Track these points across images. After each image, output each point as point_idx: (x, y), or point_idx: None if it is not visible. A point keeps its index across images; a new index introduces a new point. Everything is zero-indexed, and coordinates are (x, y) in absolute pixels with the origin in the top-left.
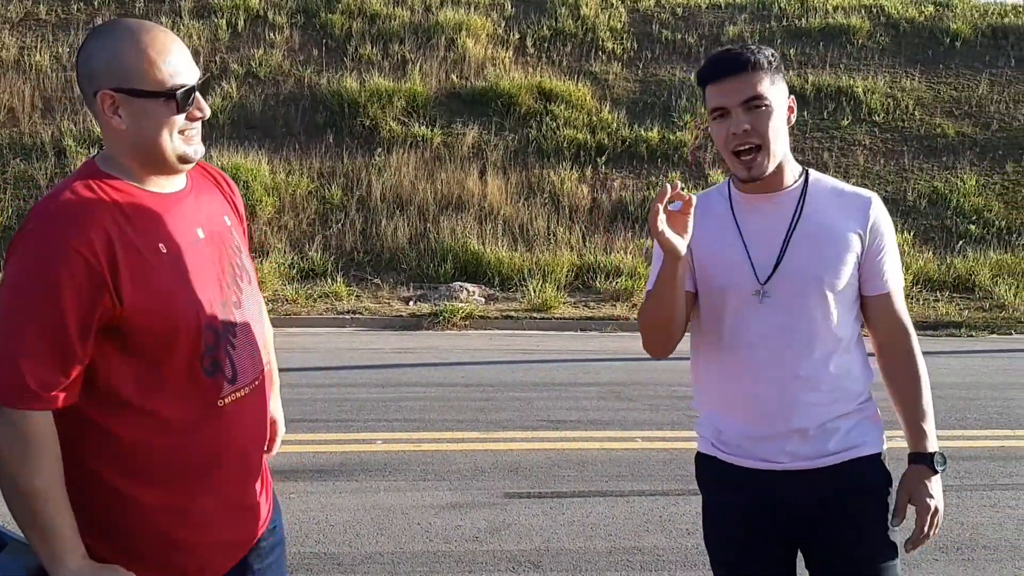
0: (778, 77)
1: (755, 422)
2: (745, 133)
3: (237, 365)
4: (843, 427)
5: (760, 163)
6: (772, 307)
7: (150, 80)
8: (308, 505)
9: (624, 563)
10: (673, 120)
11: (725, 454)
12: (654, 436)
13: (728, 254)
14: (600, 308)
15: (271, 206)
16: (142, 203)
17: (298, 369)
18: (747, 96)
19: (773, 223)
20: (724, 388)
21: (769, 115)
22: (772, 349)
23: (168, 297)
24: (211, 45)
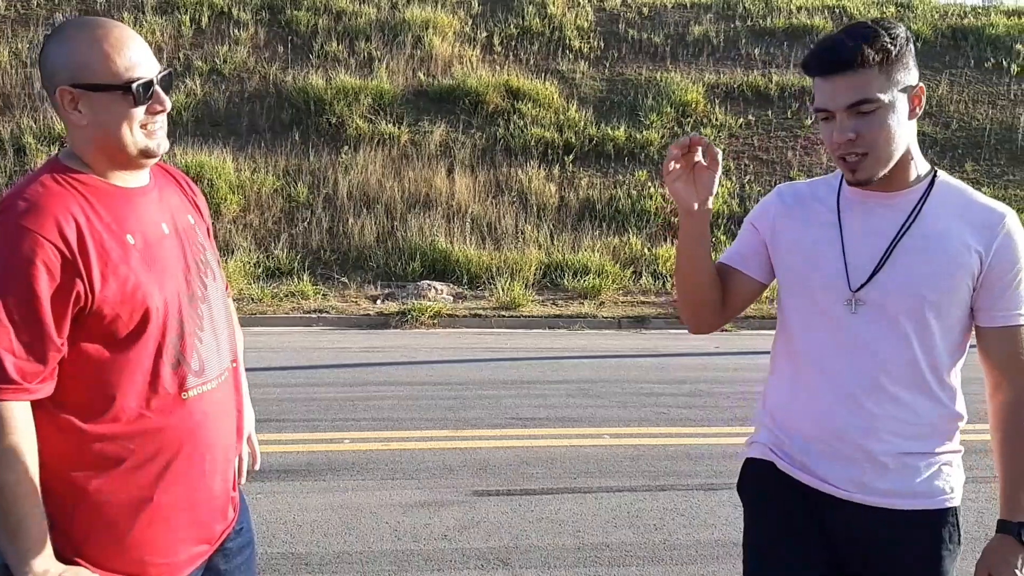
0: (898, 67)
1: (824, 440)
2: (850, 142)
3: (204, 358)
4: (920, 468)
5: (866, 169)
6: (863, 319)
7: (106, 74)
8: (275, 505)
9: (592, 559)
10: (640, 119)
11: (784, 463)
12: (622, 433)
13: (822, 253)
14: (568, 306)
15: (236, 204)
16: (108, 195)
17: (264, 369)
18: (852, 100)
19: (881, 226)
20: (797, 398)
21: (881, 118)
22: (857, 365)
23: (136, 287)
24: (174, 42)
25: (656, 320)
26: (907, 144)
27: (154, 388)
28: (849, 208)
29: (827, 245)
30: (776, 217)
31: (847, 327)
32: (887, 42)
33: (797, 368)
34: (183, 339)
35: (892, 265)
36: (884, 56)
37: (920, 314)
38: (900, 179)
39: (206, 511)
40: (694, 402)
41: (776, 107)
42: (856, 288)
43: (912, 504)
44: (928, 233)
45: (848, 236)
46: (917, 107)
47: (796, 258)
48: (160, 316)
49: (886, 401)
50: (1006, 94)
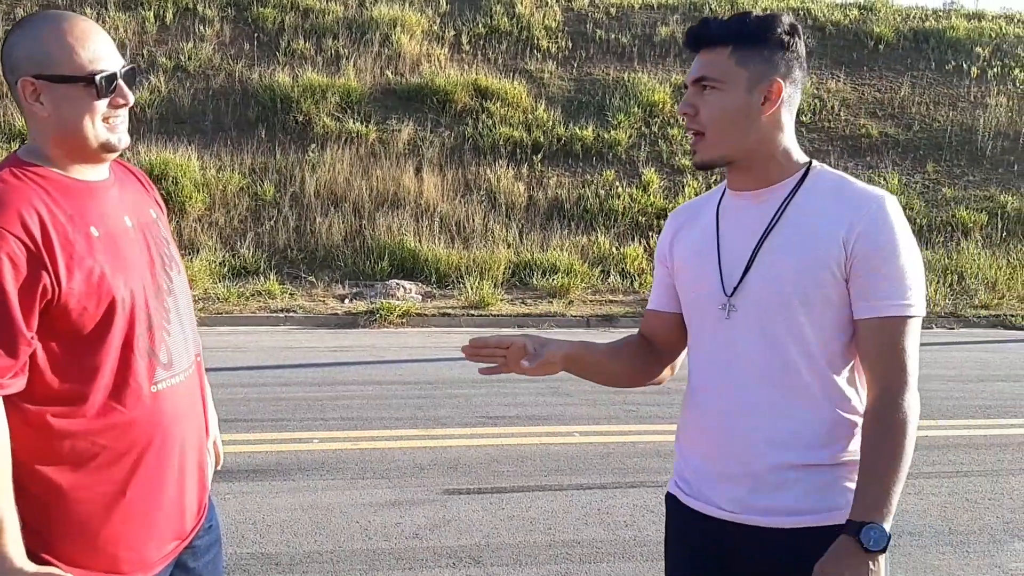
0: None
1: (709, 459)
2: (686, 116)
3: (172, 351)
4: (810, 482)
5: (701, 150)
6: (738, 325)
7: (69, 65)
8: (244, 505)
9: (564, 556)
10: (607, 119)
11: (684, 494)
12: (591, 431)
13: (701, 262)
14: (537, 305)
15: (201, 203)
16: (69, 189)
17: (231, 369)
18: (696, 75)
19: (751, 226)
20: (688, 416)
21: (719, 100)
22: (735, 373)
23: (102, 279)
24: (138, 38)
25: (624, 319)
26: (764, 138)
27: (124, 382)
28: (726, 213)
29: (705, 253)
30: (672, 242)
31: (723, 336)
32: (743, 27)
33: (691, 386)
34: (151, 332)
35: (758, 265)
36: (736, 38)
37: (789, 313)
38: (768, 175)
39: (177, 506)
40: (662, 399)
41: None
42: (730, 293)
43: (796, 522)
44: (795, 226)
45: (723, 241)
46: (771, 101)
47: (684, 273)
48: (127, 308)
49: (764, 411)
50: (966, 96)
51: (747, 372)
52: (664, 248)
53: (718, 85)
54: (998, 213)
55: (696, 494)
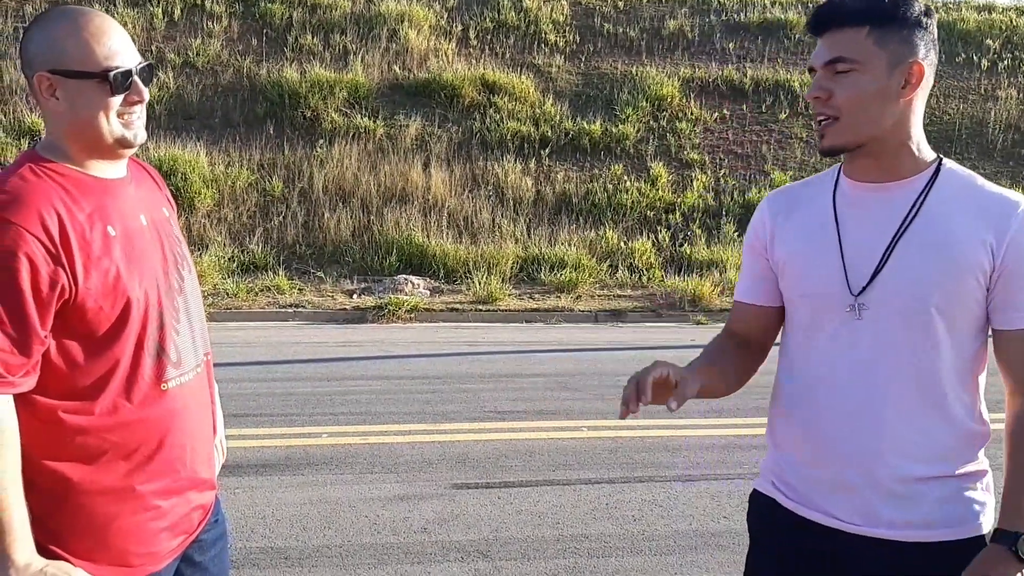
0: (893, 35)
1: (820, 466)
2: (818, 100)
3: (181, 349)
4: (937, 494)
5: (832, 135)
6: (868, 327)
7: (84, 61)
8: (254, 500)
9: (572, 550)
10: (615, 113)
11: (786, 498)
12: (600, 425)
13: (819, 256)
14: (545, 300)
15: (210, 198)
16: (87, 187)
17: (240, 364)
18: (828, 57)
19: (880, 221)
20: (792, 417)
21: (856, 81)
22: (860, 379)
23: (118, 279)
24: (147, 34)
25: (632, 313)
26: (898, 124)
27: (135, 380)
28: (846, 204)
29: (824, 248)
30: (771, 230)
31: (847, 336)
32: (880, 6)
33: (798, 388)
34: (162, 330)
35: (893, 264)
36: (873, 17)
37: (927, 319)
38: (898, 167)
39: (186, 501)
40: None
41: (751, 101)
42: (857, 292)
43: (928, 536)
44: (932, 227)
45: (846, 235)
46: (911, 84)
47: (793, 268)
48: (141, 307)
49: (890, 418)
50: (976, 88)
51: (874, 377)
52: (762, 236)
53: (856, 67)
54: None
55: (804, 501)
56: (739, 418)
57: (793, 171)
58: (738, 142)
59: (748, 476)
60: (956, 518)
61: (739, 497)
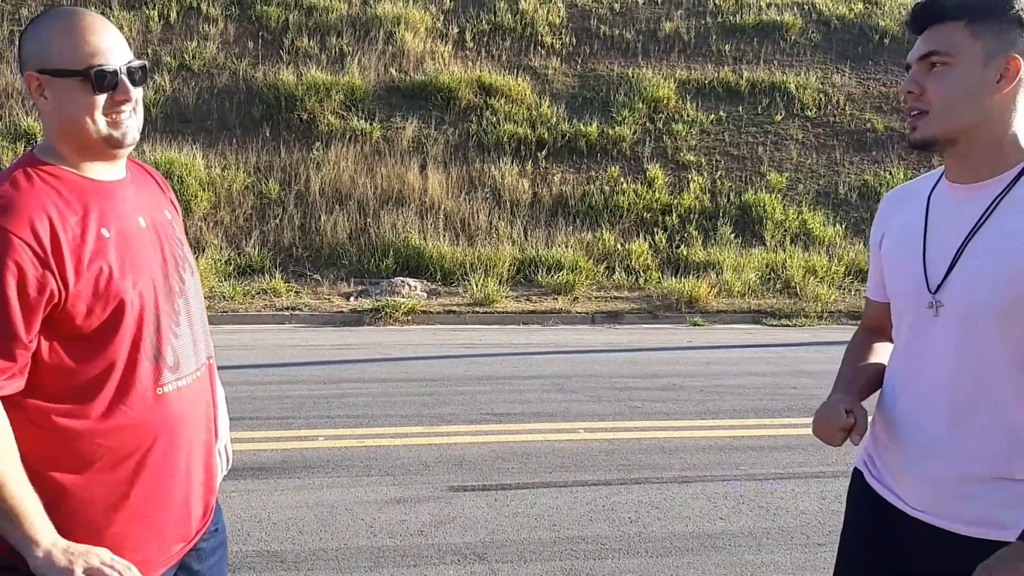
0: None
1: (896, 452)
2: (910, 95)
3: (179, 353)
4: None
5: (922, 128)
6: (943, 325)
7: (69, 59)
8: (250, 503)
9: (568, 552)
10: (612, 115)
11: (870, 475)
12: (596, 427)
13: (907, 255)
14: (542, 302)
15: (207, 201)
16: (82, 189)
17: (237, 367)
18: (923, 51)
19: (961, 221)
20: (888, 405)
21: (949, 76)
22: (941, 372)
23: (110, 281)
24: (142, 37)
25: (629, 315)
26: (992, 119)
27: (130, 384)
28: (938, 203)
29: (910, 244)
30: (883, 227)
31: (928, 332)
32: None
33: (892, 375)
34: (159, 334)
35: (961, 266)
36: (971, 10)
37: (993, 319)
38: (990, 165)
39: (183, 508)
40: (667, 396)
41: (747, 103)
42: (934, 290)
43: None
44: (1000, 228)
45: (931, 233)
46: (1007, 78)
47: (888, 265)
48: (136, 310)
49: (956, 416)
50: None
51: (939, 374)
52: (876, 234)
53: (950, 60)
54: None
55: (880, 479)
56: (735, 419)
57: (789, 172)
58: (734, 144)
59: (744, 478)
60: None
61: (735, 498)
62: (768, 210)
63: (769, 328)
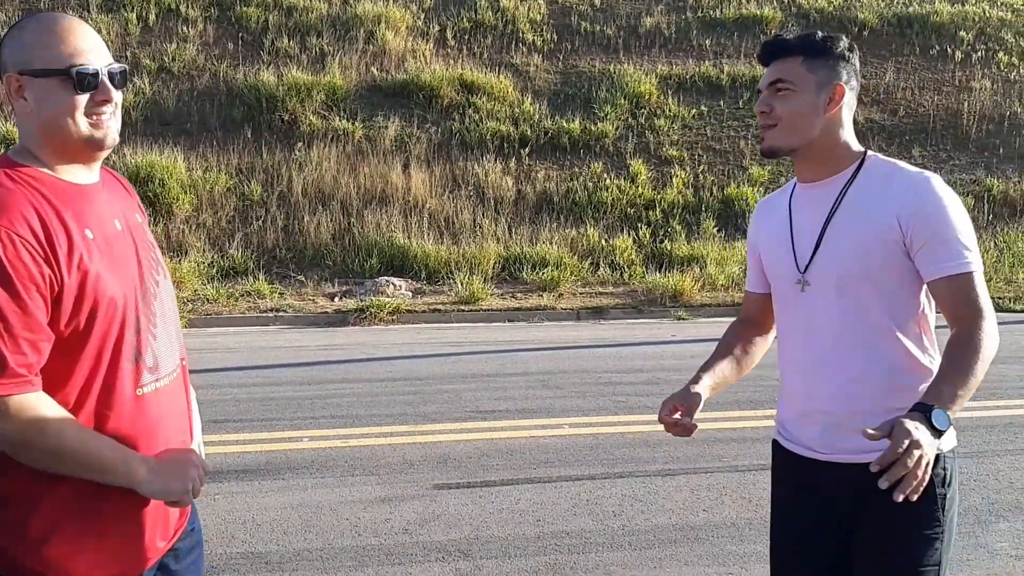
0: (820, 64)
1: (795, 407)
2: (763, 114)
3: (157, 354)
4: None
5: (771, 138)
6: (810, 298)
7: (49, 60)
8: (234, 505)
9: (553, 547)
10: (594, 111)
11: (782, 438)
12: (580, 423)
13: (778, 245)
14: (527, 299)
15: (188, 204)
16: (62, 191)
17: (221, 370)
18: (771, 79)
19: (817, 211)
20: (782, 376)
21: (792, 99)
22: (811, 340)
23: (98, 281)
24: (121, 40)
25: (614, 311)
26: (826, 132)
27: (112, 384)
28: (796, 203)
29: (781, 238)
30: (755, 231)
31: (800, 307)
32: (812, 42)
33: (781, 349)
34: (139, 335)
35: (825, 244)
36: (806, 51)
37: (855, 285)
38: (829, 166)
39: (161, 508)
40: (651, 390)
41: (728, 97)
42: (803, 270)
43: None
44: (853, 208)
45: (795, 226)
46: (835, 101)
47: (766, 257)
48: (119, 311)
49: (833, 368)
50: (951, 80)
51: (822, 336)
52: (752, 237)
53: (792, 87)
54: (984, 196)
55: (789, 437)
56: (718, 411)
57: (771, 166)
58: (716, 138)
59: (727, 469)
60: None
61: (718, 490)
62: (751, 203)
63: None
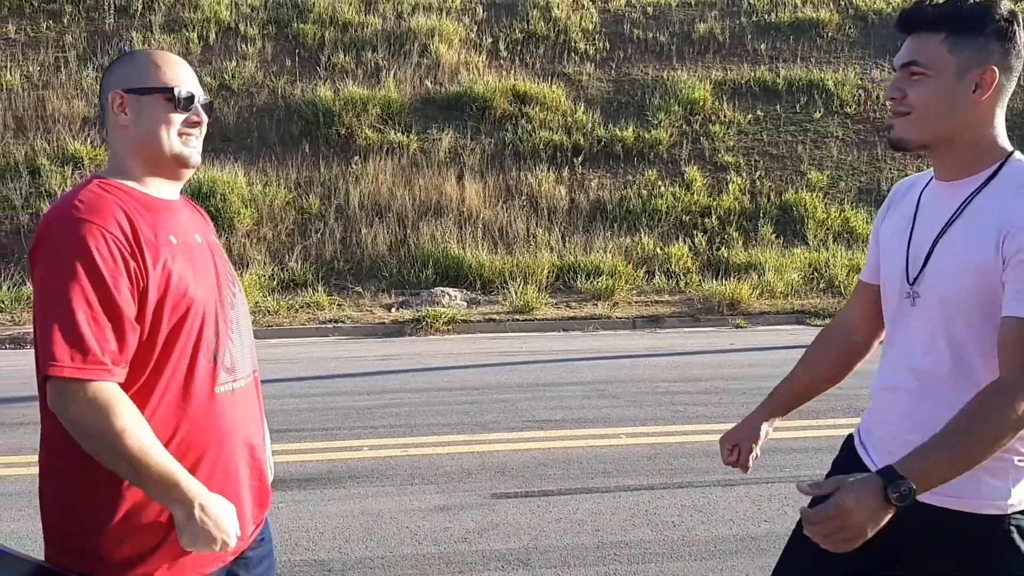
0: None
1: (870, 419)
2: (893, 100)
3: (235, 357)
4: None
5: (900, 128)
6: (919, 314)
7: (153, 80)
8: (297, 514)
9: (612, 557)
10: (647, 119)
11: (858, 442)
12: (638, 432)
13: (895, 246)
14: (582, 308)
15: (249, 218)
16: (147, 203)
17: (282, 380)
18: (905, 60)
19: (938, 217)
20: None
21: (928, 85)
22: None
23: (181, 282)
24: (183, 59)
25: (670, 319)
26: (968, 125)
27: (190, 379)
28: (927, 198)
29: (899, 238)
30: (882, 217)
31: (905, 322)
32: (958, 14)
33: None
34: (217, 336)
35: (934, 259)
36: (950, 25)
37: (954, 311)
38: (967, 166)
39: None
40: (710, 399)
41: (784, 101)
42: (912, 281)
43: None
44: (968, 225)
45: (916, 227)
46: (983, 88)
47: (885, 248)
48: (200, 311)
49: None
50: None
51: (909, 358)
52: (877, 223)
53: (927, 71)
54: None
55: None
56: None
57: (830, 170)
58: (773, 143)
59: (789, 479)
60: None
61: (780, 500)
62: (809, 209)
63: (813, 328)
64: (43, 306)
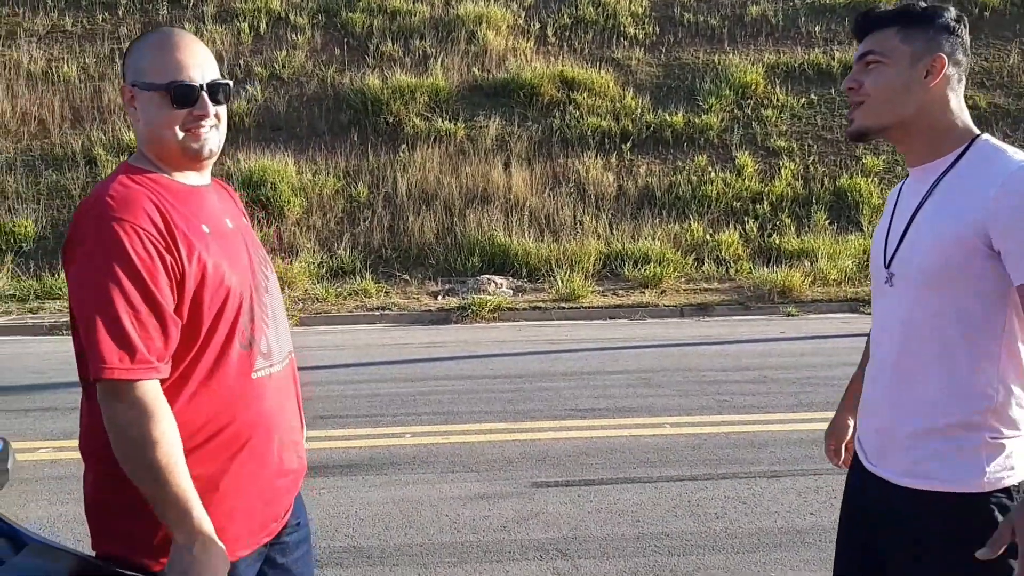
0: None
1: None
2: (850, 90)
3: (271, 341)
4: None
5: (858, 118)
6: (896, 294)
7: (155, 74)
8: (338, 499)
9: (652, 548)
10: (698, 103)
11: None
12: (682, 422)
13: (877, 239)
14: (629, 296)
15: (299, 206)
16: (176, 191)
17: (328, 366)
18: (861, 52)
19: (912, 201)
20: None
21: (882, 73)
22: (888, 340)
23: (217, 270)
24: (234, 49)
25: (720, 307)
26: (922, 110)
27: (228, 369)
28: (906, 187)
29: (880, 231)
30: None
31: (885, 303)
32: (910, 10)
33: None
34: (253, 323)
35: (908, 238)
36: (902, 19)
37: (933, 288)
38: (934, 149)
39: (272, 489)
40: (758, 389)
41: (839, 85)
42: (887, 264)
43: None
44: (940, 203)
45: (895, 218)
46: (933, 74)
47: (872, 249)
48: (236, 299)
49: (904, 378)
50: None
51: (890, 341)
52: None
53: (882, 59)
54: None
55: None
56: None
57: (886, 155)
58: (827, 127)
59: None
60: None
61: (826, 493)
62: (864, 194)
63: (867, 317)
64: (87, 311)
